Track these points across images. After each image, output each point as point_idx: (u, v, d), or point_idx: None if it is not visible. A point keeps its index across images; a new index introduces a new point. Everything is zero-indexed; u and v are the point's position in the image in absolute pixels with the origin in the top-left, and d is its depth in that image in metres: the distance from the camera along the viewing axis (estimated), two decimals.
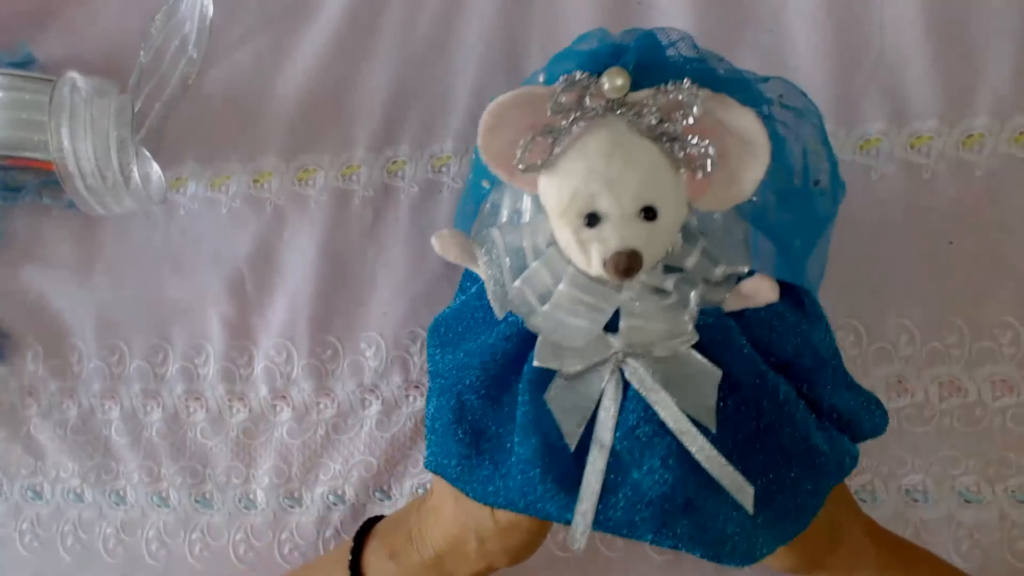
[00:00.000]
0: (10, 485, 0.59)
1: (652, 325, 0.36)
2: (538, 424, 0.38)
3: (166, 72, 0.51)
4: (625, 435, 0.37)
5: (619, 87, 0.34)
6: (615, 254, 0.34)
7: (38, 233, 0.59)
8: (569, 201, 0.34)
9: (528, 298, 0.37)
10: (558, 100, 0.34)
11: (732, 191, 0.35)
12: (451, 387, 0.41)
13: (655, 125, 0.34)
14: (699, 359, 0.37)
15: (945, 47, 0.51)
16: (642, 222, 0.34)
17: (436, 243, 0.39)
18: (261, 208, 0.57)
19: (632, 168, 0.34)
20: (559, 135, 0.34)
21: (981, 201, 0.51)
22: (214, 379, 0.57)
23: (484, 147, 0.36)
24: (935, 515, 0.52)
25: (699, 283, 0.36)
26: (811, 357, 0.39)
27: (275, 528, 0.56)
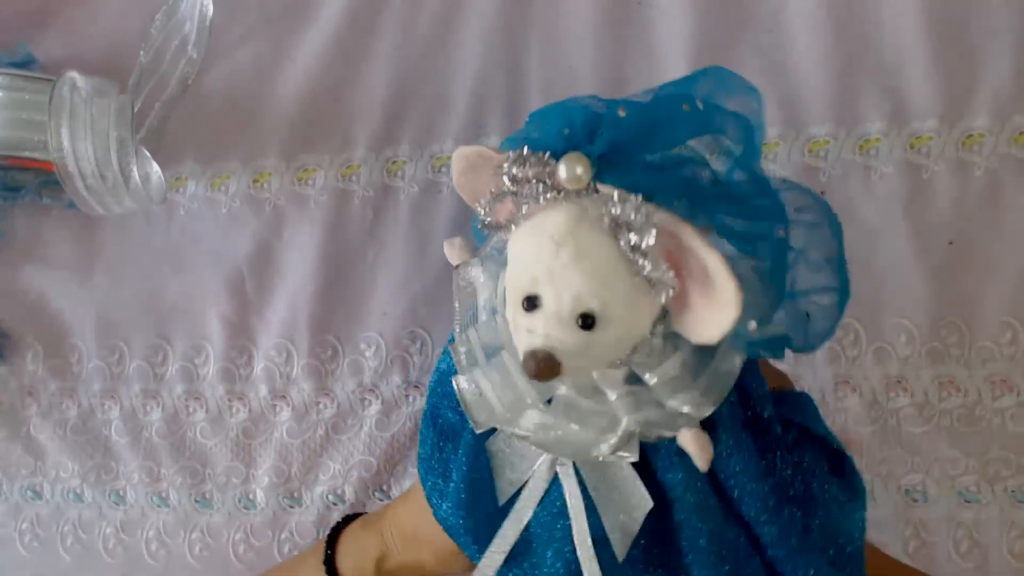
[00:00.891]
0: (10, 485, 0.59)
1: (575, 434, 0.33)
2: (473, 472, 0.38)
3: (166, 72, 0.51)
4: (541, 521, 0.37)
5: (577, 177, 0.29)
6: (530, 352, 0.30)
7: (38, 233, 0.59)
8: (515, 276, 0.31)
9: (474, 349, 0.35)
10: (509, 175, 0.30)
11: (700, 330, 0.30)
12: (433, 391, 0.41)
13: (617, 226, 0.29)
14: (636, 484, 0.34)
15: (945, 47, 0.51)
16: (576, 328, 0.30)
17: (447, 249, 0.37)
18: (261, 208, 0.57)
19: (580, 264, 0.29)
20: (522, 201, 0.31)
21: (981, 201, 0.51)
22: (214, 379, 0.57)
23: (459, 187, 0.33)
24: (935, 515, 0.52)
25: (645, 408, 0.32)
26: (779, 523, 0.34)
27: (275, 528, 0.56)
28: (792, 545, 0.34)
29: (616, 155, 0.30)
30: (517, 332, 0.31)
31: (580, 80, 0.54)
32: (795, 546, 0.34)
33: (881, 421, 0.52)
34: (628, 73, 0.54)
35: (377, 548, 0.45)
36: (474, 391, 0.34)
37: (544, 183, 0.30)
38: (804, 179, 0.53)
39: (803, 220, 0.33)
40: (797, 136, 0.53)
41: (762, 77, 0.53)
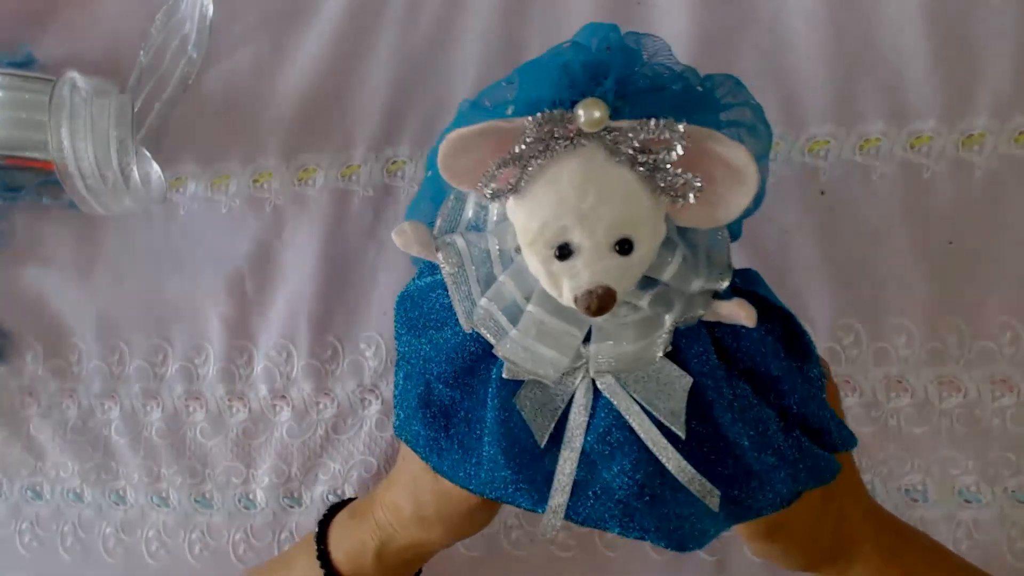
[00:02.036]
0: (10, 485, 0.59)
1: (623, 348, 0.35)
2: (507, 425, 0.38)
3: (166, 72, 0.51)
4: (596, 439, 0.37)
5: (596, 120, 0.31)
6: (586, 292, 0.32)
7: (38, 233, 0.59)
8: (538, 231, 0.32)
9: (496, 317, 0.36)
10: (530, 136, 0.31)
11: (717, 213, 0.33)
12: (418, 373, 0.40)
13: (634, 154, 0.31)
14: (671, 367, 0.36)
15: (945, 47, 0.51)
16: (616, 256, 0.32)
17: (397, 238, 0.37)
18: (261, 208, 0.57)
19: (606, 201, 0.31)
20: (528, 162, 0.32)
21: (981, 201, 0.51)
22: (214, 379, 0.57)
23: (445, 170, 0.33)
24: (935, 515, 0.52)
25: (675, 301, 0.35)
26: (778, 365, 0.38)
27: (275, 528, 0.56)
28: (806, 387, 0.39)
29: (620, 91, 0.32)
30: (555, 282, 0.33)
31: None
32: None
33: (881, 421, 0.52)
34: None
35: (375, 536, 0.44)
36: (523, 355, 0.36)
37: (555, 137, 0.31)
38: (804, 179, 0.53)
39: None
40: (797, 136, 0.53)
41: (762, 77, 0.53)
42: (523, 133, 0.31)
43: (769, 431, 0.38)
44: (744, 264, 0.48)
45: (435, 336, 0.40)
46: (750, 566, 0.52)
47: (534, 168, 0.32)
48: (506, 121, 0.32)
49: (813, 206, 0.53)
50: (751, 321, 0.35)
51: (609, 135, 0.31)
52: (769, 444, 0.37)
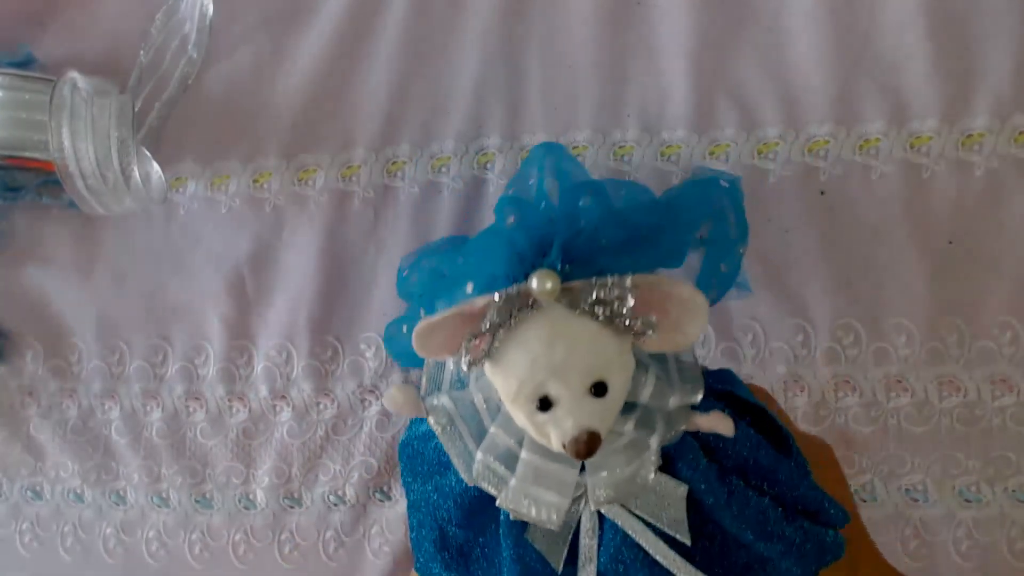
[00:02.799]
0: (10, 485, 0.59)
1: (616, 475, 0.37)
2: (523, 561, 0.39)
3: (166, 72, 0.51)
4: (609, 560, 0.38)
5: (549, 290, 0.33)
6: (572, 440, 0.34)
7: (38, 233, 0.59)
8: (517, 390, 0.34)
9: (493, 467, 0.38)
10: (492, 318, 0.34)
11: (677, 339, 0.35)
12: (431, 520, 0.41)
13: (591, 307, 0.34)
14: (665, 479, 0.37)
15: (945, 47, 0.51)
16: (594, 399, 0.34)
17: (388, 403, 0.39)
18: (261, 208, 0.57)
19: (575, 351, 0.34)
20: (496, 330, 0.34)
21: (981, 201, 0.51)
22: (214, 379, 0.57)
23: (420, 350, 0.35)
24: (935, 515, 0.52)
25: (656, 420, 0.37)
26: (765, 456, 0.39)
27: (275, 528, 0.56)
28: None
29: (568, 256, 0.35)
30: (542, 432, 0.35)
31: (580, 80, 0.54)
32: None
33: (881, 421, 0.52)
34: (628, 73, 0.54)
35: None
36: (526, 503, 0.37)
37: (515, 308, 0.34)
38: (804, 179, 0.53)
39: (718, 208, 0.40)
40: (797, 136, 0.53)
41: (762, 77, 0.53)
42: (488, 310, 0.34)
43: (770, 521, 0.39)
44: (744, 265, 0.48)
45: (440, 482, 0.41)
46: None
47: (503, 334, 0.34)
48: (469, 304, 0.34)
49: (813, 206, 0.53)
50: (728, 431, 0.36)
51: (564, 296, 0.34)
52: (772, 534, 0.38)
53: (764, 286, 0.52)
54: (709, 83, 0.53)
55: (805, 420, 0.52)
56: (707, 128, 0.53)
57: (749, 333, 0.53)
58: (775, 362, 0.53)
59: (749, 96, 0.53)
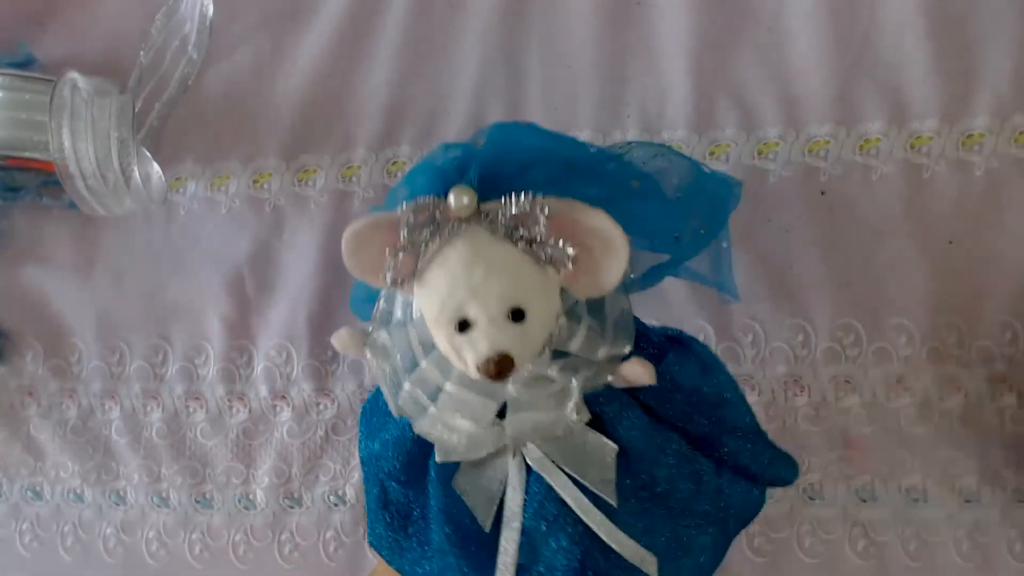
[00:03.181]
0: (10, 485, 0.59)
1: (537, 415, 0.37)
2: (450, 512, 0.39)
3: (166, 72, 0.51)
4: (533, 514, 0.38)
5: (466, 205, 0.35)
6: (485, 359, 0.34)
7: (38, 233, 0.59)
8: (439, 310, 0.35)
9: (418, 398, 0.38)
10: (408, 223, 0.35)
11: (600, 280, 0.36)
12: (374, 475, 0.42)
13: (511, 231, 0.35)
14: (595, 436, 0.38)
15: (945, 47, 0.51)
16: (511, 324, 0.35)
17: (336, 343, 0.40)
18: (261, 208, 0.57)
19: (494, 274, 0.35)
20: (420, 249, 0.35)
21: (981, 201, 0.51)
22: (214, 379, 0.57)
23: (351, 267, 0.37)
24: (935, 515, 0.52)
25: (582, 367, 0.37)
26: (708, 423, 0.40)
27: (275, 528, 0.56)
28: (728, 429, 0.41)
29: (488, 178, 0.35)
30: (460, 354, 0.35)
31: (580, 80, 0.54)
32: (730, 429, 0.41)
33: (881, 421, 0.52)
34: (628, 73, 0.54)
35: None
36: (440, 428, 0.38)
37: (436, 225, 0.35)
38: (804, 179, 0.53)
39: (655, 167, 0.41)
40: (797, 136, 0.53)
41: (762, 77, 0.53)
42: (404, 221, 0.35)
43: (705, 476, 0.40)
44: (744, 265, 0.49)
45: (384, 435, 0.42)
46: (751, 566, 0.52)
47: (427, 254, 0.35)
48: (389, 212, 0.36)
49: (813, 206, 0.52)
50: (650, 377, 0.37)
51: (485, 218, 0.35)
52: (707, 489, 0.39)
53: (764, 286, 0.52)
54: (709, 83, 0.53)
55: (805, 420, 0.52)
56: (707, 128, 0.53)
57: (749, 333, 0.53)
58: (775, 362, 0.53)
59: (749, 96, 0.53)
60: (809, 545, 0.52)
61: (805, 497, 0.52)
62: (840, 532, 0.52)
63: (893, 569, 0.51)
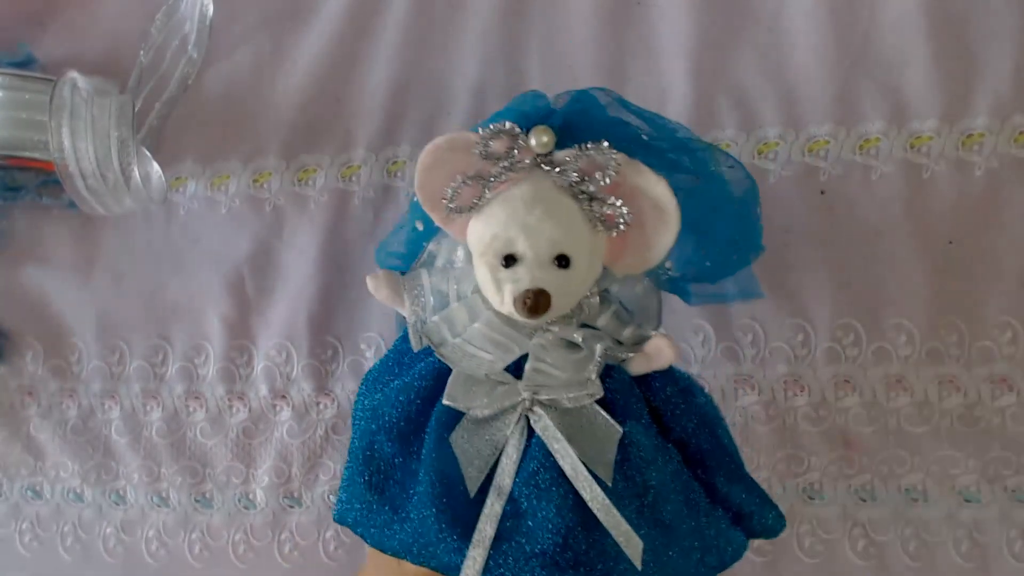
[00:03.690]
0: (10, 485, 0.59)
1: (557, 371, 0.38)
2: (439, 465, 0.38)
3: (166, 72, 0.51)
4: (525, 481, 0.38)
5: (544, 144, 0.36)
6: (525, 291, 0.36)
7: (38, 233, 0.59)
8: (490, 241, 0.37)
9: (443, 332, 0.40)
10: (487, 145, 0.37)
11: (646, 255, 0.38)
12: (366, 429, 0.41)
13: (576, 183, 0.37)
14: (603, 415, 0.38)
15: (945, 47, 0.51)
16: (555, 268, 0.36)
17: (370, 282, 0.42)
18: (261, 208, 0.57)
19: (551, 218, 0.36)
20: (488, 182, 0.37)
21: (981, 201, 0.51)
22: (214, 379, 0.57)
23: (420, 186, 0.38)
24: (935, 515, 0.52)
25: (607, 338, 0.39)
26: (708, 439, 0.41)
27: (275, 528, 0.56)
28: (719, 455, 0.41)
29: (567, 128, 0.37)
30: (500, 287, 0.37)
31: (580, 80, 0.54)
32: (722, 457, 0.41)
33: (881, 421, 0.52)
34: (628, 73, 0.54)
35: None
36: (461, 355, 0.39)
37: (510, 159, 0.37)
38: (804, 179, 0.53)
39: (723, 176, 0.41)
40: (797, 136, 0.53)
41: (762, 77, 0.53)
42: (484, 141, 0.37)
43: (695, 499, 0.40)
44: None
45: (388, 388, 0.42)
46: (751, 566, 0.52)
47: (493, 188, 0.37)
48: (472, 133, 0.37)
49: (813, 206, 0.53)
50: (675, 354, 0.39)
51: (554, 167, 0.37)
52: (695, 512, 0.40)
53: (764, 286, 0.52)
54: (709, 83, 0.53)
55: (805, 420, 0.52)
56: (707, 128, 0.53)
57: (749, 333, 0.53)
58: (775, 362, 0.53)
59: (749, 96, 0.53)
60: (809, 545, 0.52)
61: (805, 497, 0.52)
62: (840, 532, 0.52)
63: (893, 569, 0.52)
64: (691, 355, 0.53)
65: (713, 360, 0.53)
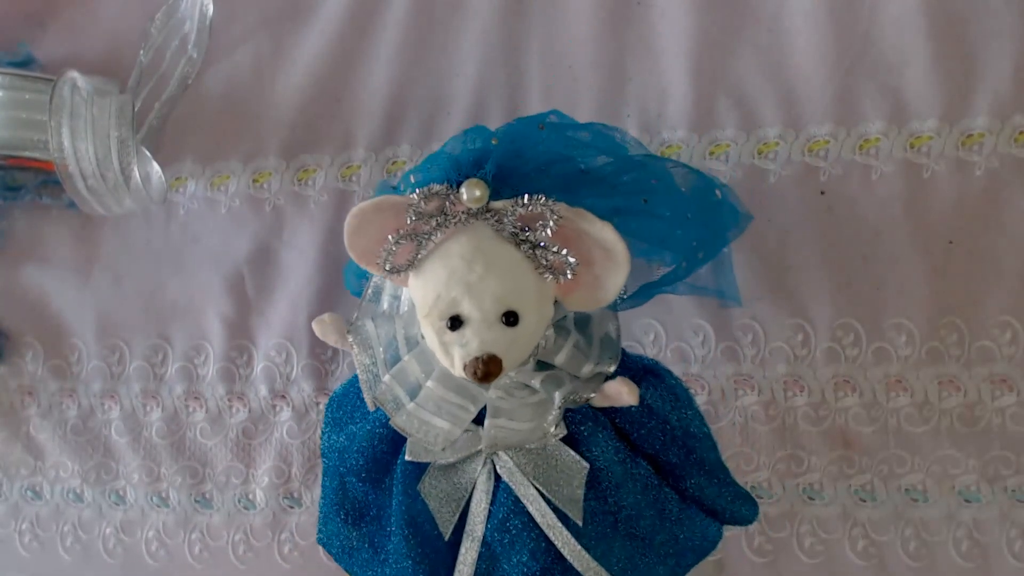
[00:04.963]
0: (10, 485, 0.59)
1: (516, 425, 0.37)
2: (411, 515, 0.39)
3: (166, 72, 0.51)
4: (496, 527, 0.38)
5: (477, 198, 0.34)
6: (473, 359, 0.34)
7: (38, 233, 0.59)
8: (432, 303, 0.35)
9: (397, 392, 0.38)
10: (417, 210, 0.34)
11: (597, 295, 0.36)
12: (335, 468, 0.42)
13: (516, 232, 0.34)
14: (568, 453, 0.38)
15: (945, 47, 0.51)
16: (503, 327, 0.34)
17: (316, 328, 0.40)
18: (261, 208, 0.57)
19: (493, 273, 0.34)
20: (423, 239, 0.35)
21: (981, 201, 0.51)
22: (214, 379, 0.57)
23: (350, 247, 0.36)
24: (935, 515, 0.52)
25: (566, 381, 0.37)
26: (677, 453, 0.40)
27: (275, 528, 0.56)
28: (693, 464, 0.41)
29: (502, 174, 0.35)
30: (448, 351, 0.35)
31: (580, 80, 0.54)
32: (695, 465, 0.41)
33: (881, 421, 0.52)
34: (628, 73, 0.54)
35: None
36: (417, 425, 0.37)
37: (444, 215, 0.35)
38: (804, 179, 0.53)
39: (670, 183, 0.40)
40: (797, 136, 0.53)
41: (762, 77, 0.53)
42: (412, 205, 0.34)
43: (668, 508, 0.40)
44: (744, 265, 0.49)
45: (351, 429, 0.41)
46: (751, 566, 0.52)
47: (429, 246, 0.35)
48: (399, 196, 0.35)
49: (813, 206, 0.52)
50: (633, 398, 0.37)
51: (492, 216, 0.35)
52: (668, 523, 0.40)
53: (764, 286, 0.52)
54: (709, 83, 0.53)
55: (805, 420, 0.52)
56: (707, 128, 0.53)
57: (749, 333, 0.53)
58: (775, 362, 0.53)
59: (749, 96, 0.53)
60: (809, 545, 0.52)
61: (805, 497, 0.52)
62: (840, 532, 0.52)
63: (893, 569, 0.52)
64: (691, 355, 0.53)
65: (713, 360, 0.53)
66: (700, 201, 0.41)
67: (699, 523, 0.41)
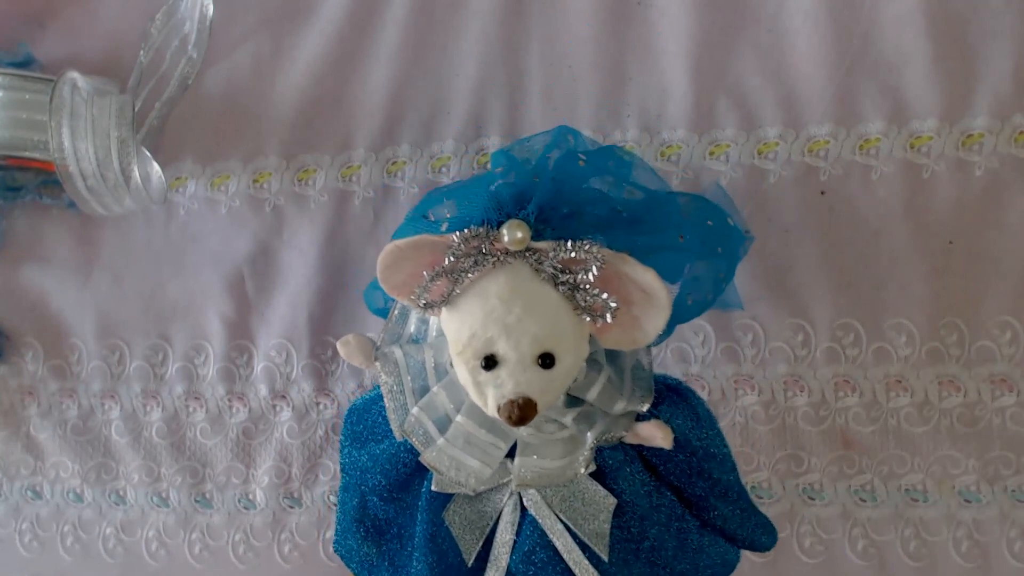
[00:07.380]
0: (10, 485, 0.59)
1: (547, 464, 0.37)
2: (435, 541, 0.39)
3: (166, 72, 0.51)
4: (522, 559, 0.38)
5: (519, 240, 0.34)
6: (509, 402, 0.33)
7: (38, 233, 0.59)
8: (467, 342, 0.34)
9: (426, 425, 0.37)
10: (456, 252, 0.34)
11: (635, 335, 0.35)
12: (355, 485, 0.42)
13: (556, 274, 0.34)
14: (595, 488, 0.38)
15: (945, 47, 0.51)
16: (539, 369, 0.34)
17: (341, 349, 0.40)
18: (261, 208, 0.57)
19: (531, 314, 0.33)
20: (459, 276, 0.34)
21: (981, 201, 0.51)
22: (214, 379, 0.57)
23: (383, 280, 0.36)
24: (935, 515, 0.52)
25: (598, 419, 0.37)
26: (703, 486, 0.40)
27: (275, 528, 0.56)
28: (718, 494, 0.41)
29: (543, 215, 0.35)
30: (481, 391, 0.34)
31: (580, 80, 0.54)
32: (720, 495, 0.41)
33: (881, 421, 0.52)
34: (628, 73, 0.54)
35: None
36: (448, 463, 0.37)
37: (482, 253, 0.34)
38: (804, 179, 0.53)
39: (698, 219, 0.40)
40: (797, 136, 0.53)
41: (762, 77, 0.53)
42: (451, 247, 0.34)
43: (691, 539, 0.40)
44: (744, 265, 0.48)
45: (375, 449, 0.41)
46: (751, 566, 0.52)
47: (465, 282, 0.34)
48: (437, 235, 0.34)
49: (813, 206, 0.53)
50: (667, 443, 0.36)
51: (532, 255, 0.34)
52: (690, 552, 0.40)
53: (764, 286, 0.52)
54: (709, 83, 0.53)
55: (805, 420, 0.52)
56: (707, 128, 0.53)
57: (749, 333, 0.53)
58: (775, 362, 0.53)
59: (749, 96, 0.53)
60: (809, 545, 0.52)
61: (805, 497, 0.52)
62: (840, 532, 0.52)
63: (893, 569, 0.52)
64: (691, 355, 0.53)
65: (713, 360, 0.53)
66: (722, 230, 0.41)
67: (719, 550, 0.41)
